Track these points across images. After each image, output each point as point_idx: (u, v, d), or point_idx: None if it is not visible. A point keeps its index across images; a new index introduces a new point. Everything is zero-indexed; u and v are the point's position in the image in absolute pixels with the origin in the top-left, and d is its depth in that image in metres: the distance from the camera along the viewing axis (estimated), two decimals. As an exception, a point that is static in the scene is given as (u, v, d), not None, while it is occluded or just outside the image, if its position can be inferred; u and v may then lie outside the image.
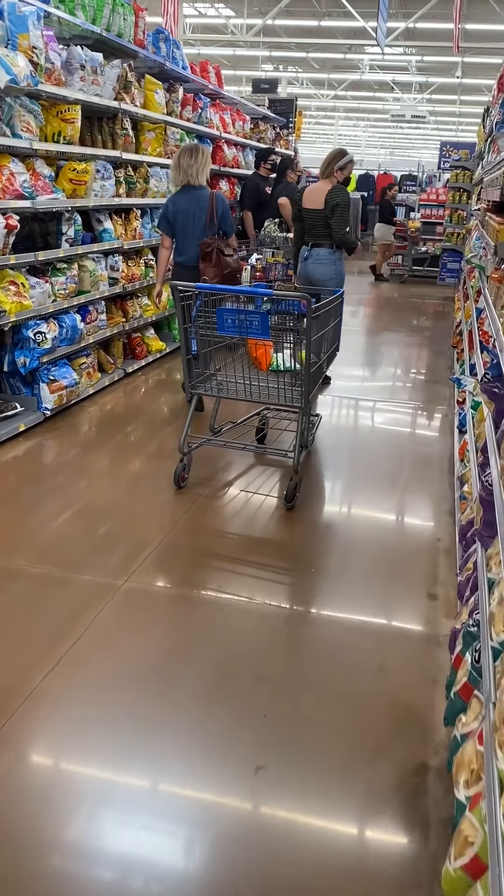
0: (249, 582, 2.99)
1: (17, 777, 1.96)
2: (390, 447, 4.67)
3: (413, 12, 15.60)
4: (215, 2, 17.70)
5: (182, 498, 3.77)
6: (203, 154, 4.70)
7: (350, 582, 3.04)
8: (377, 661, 2.49)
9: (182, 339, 3.82)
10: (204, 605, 2.82)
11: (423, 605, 2.87)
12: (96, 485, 3.85)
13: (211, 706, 2.25)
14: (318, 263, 5.33)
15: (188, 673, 2.40)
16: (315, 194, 5.27)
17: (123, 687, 2.33)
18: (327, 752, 2.09)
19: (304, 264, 5.44)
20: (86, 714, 2.20)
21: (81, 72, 4.59)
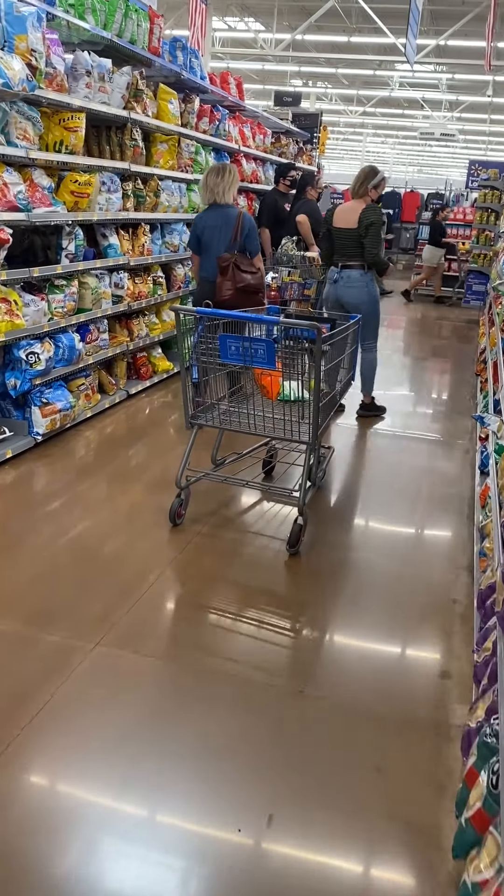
0: (240, 644, 2.66)
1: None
2: (405, 485, 4.32)
3: (445, 29, 15.35)
4: (245, 16, 17.60)
5: (177, 536, 3.45)
6: (230, 173, 4.73)
7: (352, 650, 2.69)
8: (376, 758, 2.14)
9: (182, 367, 3.52)
10: (182, 674, 2.49)
11: (433, 684, 2.51)
12: (83, 520, 3.55)
13: (172, 801, 1.92)
14: (349, 286, 5.15)
15: (151, 764, 2.07)
16: (347, 213, 5.08)
17: (78, 779, 2.00)
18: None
19: (333, 286, 5.24)
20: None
21: (87, 78, 4.34)
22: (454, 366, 7.76)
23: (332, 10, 14.99)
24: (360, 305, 5.16)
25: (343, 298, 5.21)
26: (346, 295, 5.18)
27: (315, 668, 2.57)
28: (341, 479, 4.36)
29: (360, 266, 5.12)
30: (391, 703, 2.40)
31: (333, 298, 5.29)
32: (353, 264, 5.13)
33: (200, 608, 2.88)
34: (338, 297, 5.24)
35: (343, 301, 5.22)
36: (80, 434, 4.70)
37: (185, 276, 6.25)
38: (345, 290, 5.18)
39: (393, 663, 2.63)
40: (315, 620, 2.87)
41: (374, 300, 5.26)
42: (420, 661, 2.65)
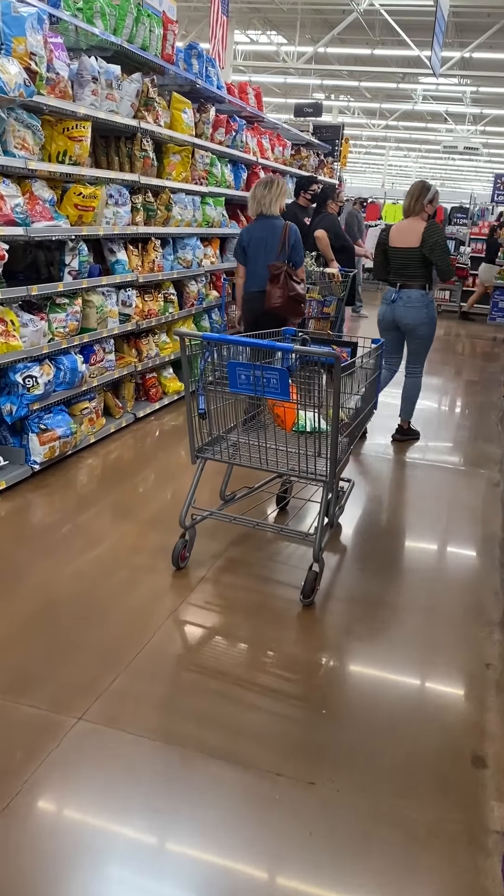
0: (243, 718, 2.33)
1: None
2: (428, 523, 3.97)
3: (469, 41, 15.08)
4: (267, 29, 17.45)
5: (178, 583, 3.14)
6: (277, 186, 4.80)
7: (368, 734, 2.35)
8: (398, 882, 1.79)
9: (187, 396, 3.22)
10: (177, 760, 2.16)
11: (465, 775, 2.17)
12: (75, 563, 3.24)
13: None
14: (409, 307, 4.93)
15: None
16: (406, 233, 4.87)
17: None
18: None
19: (390, 307, 5.03)
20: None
21: (93, 85, 4.08)
22: (480, 387, 7.40)
23: (356, 22, 14.78)
24: (419, 327, 4.97)
25: (402, 319, 4.99)
26: (405, 316, 4.96)
27: (328, 752, 2.23)
28: (360, 515, 4.02)
29: (420, 286, 4.91)
30: (415, 801, 2.05)
31: (390, 319, 5.07)
32: (414, 284, 4.91)
33: (200, 672, 2.55)
34: (395, 317, 5.02)
35: (401, 322, 5.01)
36: (82, 462, 4.41)
37: (198, 293, 5.97)
38: (404, 310, 4.95)
39: (417, 746, 2.28)
40: (328, 690, 2.53)
41: (433, 322, 5.03)
42: (448, 743, 2.30)
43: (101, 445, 4.70)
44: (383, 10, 13.83)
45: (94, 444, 4.67)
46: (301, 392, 3.41)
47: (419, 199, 4.89)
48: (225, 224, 6.42)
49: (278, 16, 16.01)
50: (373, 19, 15.28)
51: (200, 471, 3.26)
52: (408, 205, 4.94)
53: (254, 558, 3.42)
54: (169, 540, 3.45)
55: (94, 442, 4.65)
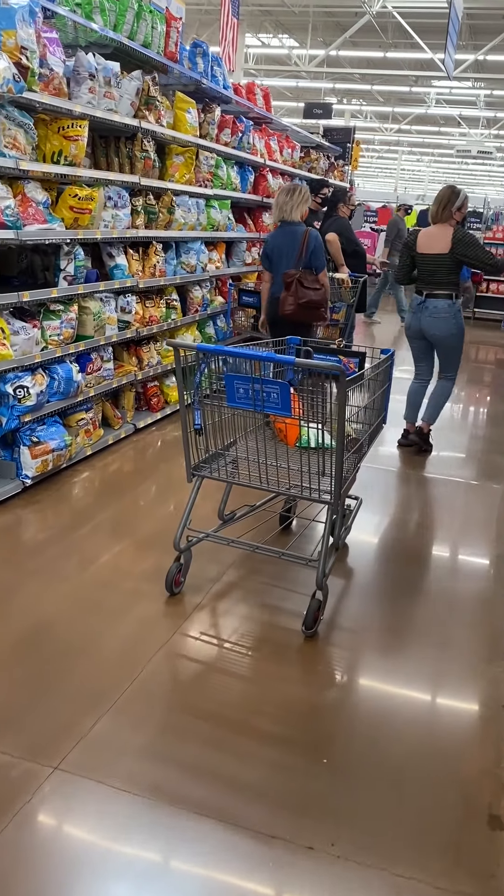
0: (234, 769, 2.12)
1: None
2: (440, 542, 3.75)
3: (483, 44, 14.86)
4: (279, 32, 17.30)
5: (171, 610, 2.93)
6: (299, 193, 4.83)
7: (374, 787, 2.13)
8: None
9: (182, 410, 3.02)
10: (162, 819, 1.96)
11: (480, 840, 1.94)
12: (63, 586, 3.05)
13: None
14: (436, 317, 4.75)
15: None
16: (435, 239, 4.69)
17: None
18: None
19: (416, 316, 4.85)
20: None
21: (90, 82, 3.90)
22: (493, 395, 7.16)
23: (368, 25, 14.60)
24: (446, 338, 4.81)
25: (429, 329, 4.81)
26: (431, 326, 4.78)
27: (328, 808, 2.01)
28: (368, 535, 3.80)
29: (447, 295, 4.73)
30: (425, 871, 1.83)
31: (416, 328, 4.89)
32: (441, 293, 4.73)
33: (191, 714, 2.34)
34: (422, 327, 4.84)
35: (428, 332, 4.83)
36: (78, 475, 4.22)
37: (202, 299, 5.78)
38: (431, 320, 4.77)
39: (427, 802, 2.06)
40: (330, 736, 2.31)
41: (461, 331, 4.83)
42: (462, 800, 2.08)
43: (99, 458, 4.51)
44: (396, 13, 13.64)
45: (91, 457, 4.48)
46: (305, 406, 3.21)
47: (447, 206, 4.72)
48: (231, 228, 6.23)
49: (290, 19, 15.84)
50: (385, 22, 15.08)
51: (197, 489, 3.06)
52: (435, 211, 4.75)
53: (253, 582, 3.21)
54: (165, 562, 3.25)
55: (90, 454, 4.46)
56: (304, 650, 2.74)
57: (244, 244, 6.63)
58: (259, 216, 7.03)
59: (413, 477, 4.69)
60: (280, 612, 2.99)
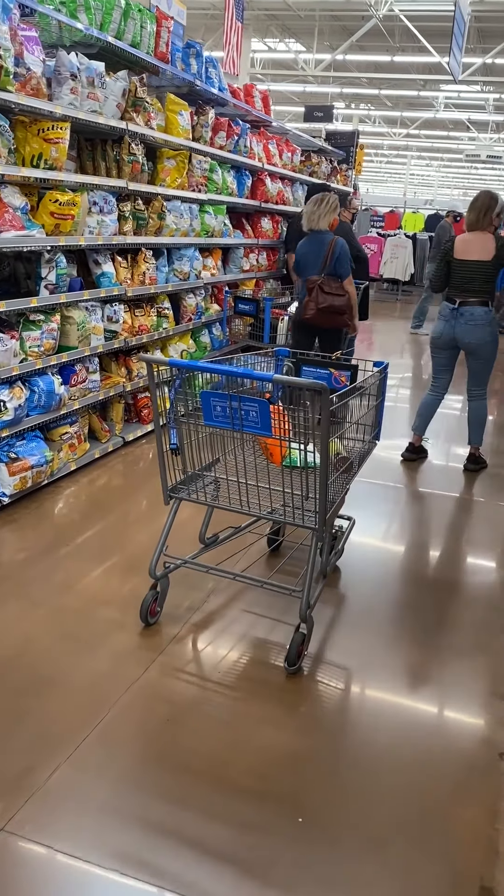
0: (202, 838, 1.93)
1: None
2: (441, 566, 3.54)
3: (492, 47, 14.67)
4: (285, 37, 17.17)
5: (146, 643, 2.74)
6: (326, 203, 4.98)
7: (353, 856, 1.93)
8: None
9: (157, 429, 2.84)
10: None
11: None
12: (33, 614, 2.86)
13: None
14: (472, 324, 4.58)
15: None
16: (476, 245, 4.54)
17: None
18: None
19: (448, 324, 4.67)
20: None
21: (72, 82, 3.73)
22: (500, 408, 6.94)
23: (375, 29, 14.43)
24: (481, 347, 4.62)
25: (464, 338, 4.62)
26: (467, 334, 4.60)
27: (301, 883, 1.82)
28: (361, 557, 3.60)
29: (484, 303, 4.56)
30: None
31: (448, 338, 4.69)
32: (477, 300, 4.55)
33: (158, 764, 2.15)
34: (455, 336, 4.65)
35: (462, 341, 4.64)
36: (60, 492, 4.04)
37: (196, 307, 5.60)
38: (467, 328, 4.59)
39: (412, 876, 1.86)
40: (309, 791, 2.12)
41: (496, 341, 4.66)
42: (451, 869, 1.88)
43: (84, 473, 4.33)
44: (403, 16, 13.47)
45: (76, 472, 4.30)
46: (292, 422, 3.02)
47: (487, 214, 4.55)
48: (227, 234, 6.05)
49: (296, 23, 15.71)
50: (392, 25, 14.92)
51: (174, 513, 2.87)
52: (475, 218, 4.58)
53: (236, 611, 3.02)
54: (146, 587, 3.07)
55: (75, 469, 4.28)
56: (286, 688, 2.54)
57: (241, 250, 6.45)
58: (258, 222, 6.85)
59: (415, 493, 4.48)
60: (263, 645, 2.80)
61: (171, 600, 3.01)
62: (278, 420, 2.72)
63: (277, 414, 2.82)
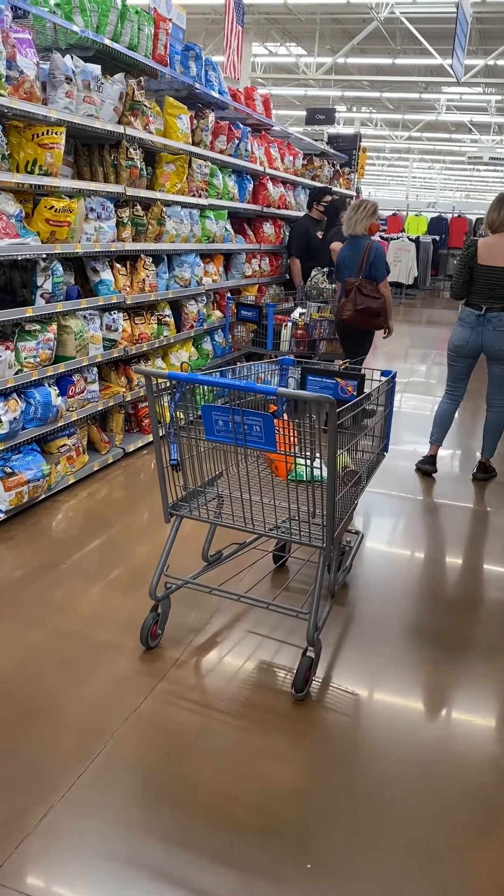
0: (195, 882, 1.80)
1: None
2: (453, 582, 3.42)
3: (494, 48, 14.57)
4: (286, 41, 17.10)
5: (147, 668, 2.62)
6: (364, 208, 5.23)
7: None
8: None
9: (156, 443, 2.72)
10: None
11: None
12: (31, 635, 2.75)
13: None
14: (501, 331, 4.42)
15: None
16: (500, 249, 4.36)
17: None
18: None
19: (473, 331, 4.50)
20: None
21: (67, 86, 3.63)
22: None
23: (376, 31, 14.34)
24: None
25: (493, 345, 4.46)
26: (496, 340, 4.44)
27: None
28: (371, 573, 3.47)
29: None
30: None
31: (475, 346, 4.53)
32: (501, 306, 4.41)
33: (156, 802, 2.03)
34: (483, 344, 4.49)
35: (492, 348, 4.48)
36: (58, 507, 3.93)
37: (198, 314, 5.49)
38: (494, 334, 4.43)
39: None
40: (316, 834, 1.99)
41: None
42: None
43: (83, 486, 4.22)
44: (404, 18, 13.38)
45: (75, 485, 4.19)
46: (299, 434, 2.90)
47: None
48: (229, 239, 5.94)
49: (297, 26, 15.66)
50: (393, 28, 14.84)
51: (175, 531, 2.75)
52: (494, 219, 4.40)
53: (240, 632, 2.89)
54: (145, 608, 2.95)
55: (73, 482, 4.17)
56: (292, 716, 2.42)
57: (243, 256, 6.34)
58: (260, 226, 6.74)
59: (428, 504, 4.35)
60: (269, 669, 2.67)
61: (172, 621, 2.89)
62: (284, 432, 2.61)
63: (283, 426, 2.71)
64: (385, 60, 16.32)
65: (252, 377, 3.27)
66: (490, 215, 4.45)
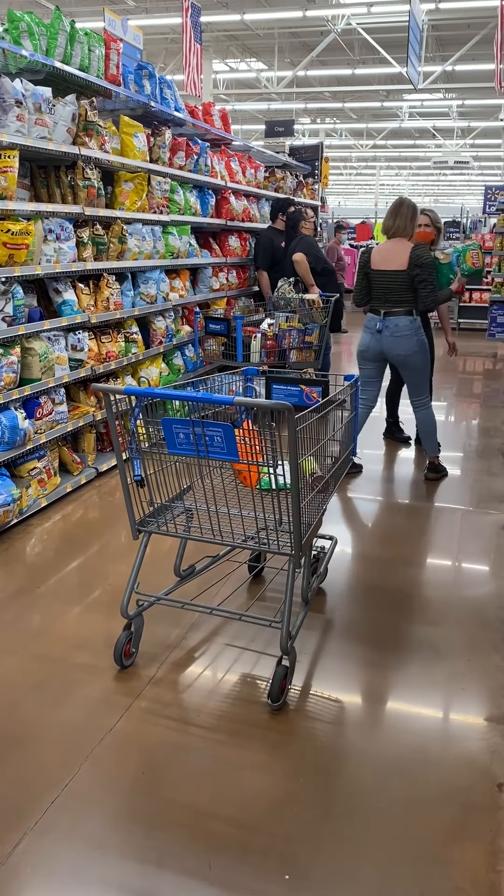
0: (176, 895, 1.77)
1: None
2: (431, 584, 3.41)
3: (451, 54, 14.80)
4: (246, 56, 17.27)
5: (121, 687, 2.59)
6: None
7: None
8: None
9: (119, 462, 2.71)
10: None
11: None
12: (5, 661, 2.71)
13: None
14: (397, 336, 4.45)
15: None
16: (392, 254, 4.42)
17: None
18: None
19: (375, 337, 4.53)
20: None
21: (18, 109, 3.63)
22: (482, 411, 6.85)
23: (334, 43, 14.54)
24: (410, 357, 4.48)
25: (391, 351, 4.49)
26: (394, 346, 4.46)
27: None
28: (346, 577, 3.46)
29: (408, 312, 4.43)
30: None
31: (376, 351, 4.56)
32: (400, 311, 4.43)
33: (131, 822, 2.00)
34: (382, 349, 4.52)
35: (390, 354, 4.51)
36: (31, 530, 3.89)
37: (166, 330, 5.50)
38: (392, 340, 4.45)
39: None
40: (295, 842, 1.97)
41: (425, 349, 4.52)
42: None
43: (56, 508, 4.19)
44: (361, 29, 13.57)
45: (47, 508, 4.16)
46: (263, 443, 2.90)
47: (413, 220, 4.46)
48: (193, 254, 5.96)
49: (256, 42, 15.82)
50: (351, 39, 15.05)
51: (144, 547, 2.74)
52: (393, 225, 4.44)
53: (216, 646, 2.87)
54: (117, 628, 2.92)
55: (46, 505, 4.13)
56: (271, 727, 2.40)
57: (210, 270, 6.36)
58: (225, 240, 6.77)
59: (398, 506, 4.36)
60: (246, 681, 2.65)
61: (147, 638, 2.86)
62: (248, 441, 2.61)
63: (247, 435, 2.70)
64: (345, 71, 16.53)
65: (218, 389, 3.26)
66: (385, 223, 4.53)
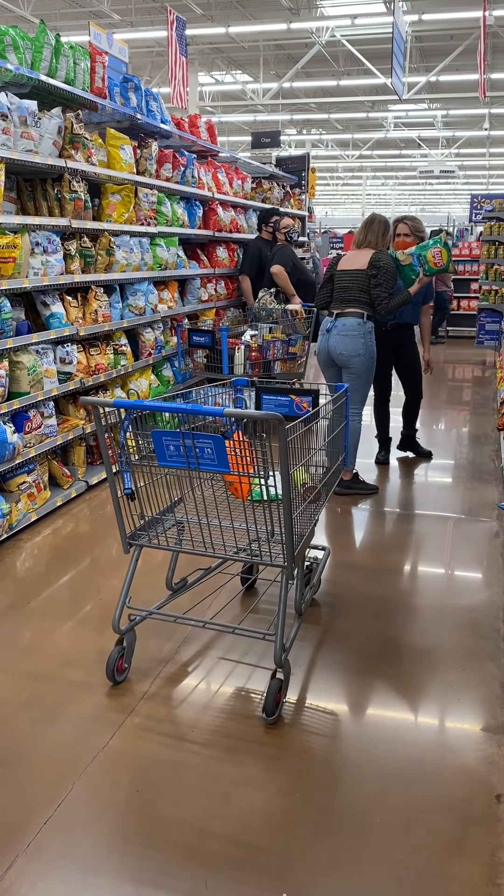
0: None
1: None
2: (422, 594, 3.40)
3: (435, 65, 14.94)
4: (232, 68, 17.38)
5: (113, 704, 2.56)
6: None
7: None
8: None
9: (109, 475, 2.69)
10: None
11: None
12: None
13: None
14: (342, 335, 4.40)
15: None
16: (357, 256, 4.51)
17: None
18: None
19: (325, 337, 4.51)
20: None
21: (3, 122, 3.62)
22: (472, 417, 6.87)
23: (319, 55, 14.66)
24: (352, 359, 4.39)
25: (335, 349, 4.41)
26: (338, 345, 4.39)
27: None
28: (340, 588, 3.44)
29: (358, 314, 4.38)
30: None
31: (325, 351, 4.52)
32: (351, 311, 4.39)
33: (124, 843, 1.96)
34: (329, 349, 4.46)
35: (335, 353, 4.44)
36: (21, 545, 3.85)
37: (155, 341, 5.48)
38: (338, 339, 4.39)
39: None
40: (291, 861, 1.94)
41: (369, 355, 4.43)
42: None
43: (46, 522, 4.15)
44: (345, 41, 13.68)
45: (37, 522, 4.12)
46: (254, 454, 2.88)
47: (384, 235, 4.52)
48: (181, 265, 5.96)
49: (241, 54, 15.93)
50: (336, 51, 15.18)
51: (135, 561, 2.71)
52: (360, 240, 4.53)
53: (210, 660, 2.84)
54: (109, 644, 2.89)
55: (36, 520, 4.10)
56: (266, 741, 2.37)
57: (198, 281, 6.36)
58: (213, 251, 6.77)
59: (390, 514, 4.35)
60: (240, 695, 2.62)
61: (140, 653, 2.83)
62: (239, 452, 2.59)
63: (238, 446, 2.68)
64: (330, 82, 16.67)
65: (204, 401, 3.25)
66: (357, 236, 4.58)
